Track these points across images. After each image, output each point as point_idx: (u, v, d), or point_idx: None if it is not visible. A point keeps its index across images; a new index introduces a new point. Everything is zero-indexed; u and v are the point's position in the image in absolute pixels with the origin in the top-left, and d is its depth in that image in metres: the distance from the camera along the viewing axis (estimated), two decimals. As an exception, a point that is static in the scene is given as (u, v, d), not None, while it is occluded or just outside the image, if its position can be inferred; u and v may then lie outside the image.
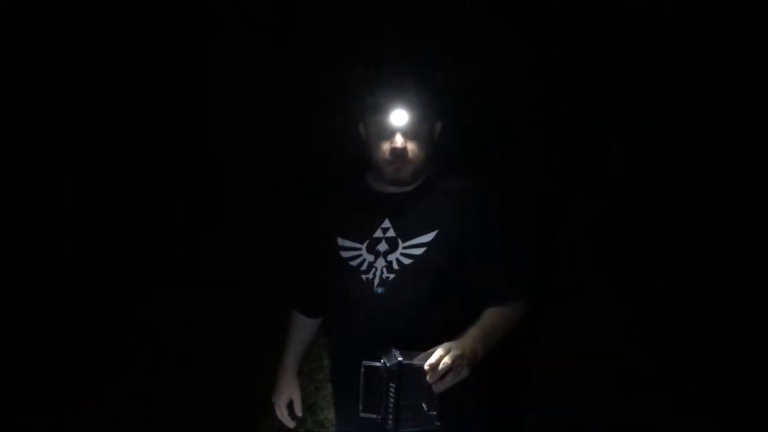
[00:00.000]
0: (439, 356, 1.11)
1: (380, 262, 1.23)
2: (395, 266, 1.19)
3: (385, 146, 1.30)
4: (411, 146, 1.29)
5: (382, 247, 1.25)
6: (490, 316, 1.31)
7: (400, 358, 1.16)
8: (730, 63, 2.06)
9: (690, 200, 2.18)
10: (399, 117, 1.26)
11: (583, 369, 2.32)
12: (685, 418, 2.16)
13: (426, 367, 1.13)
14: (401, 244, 1.17)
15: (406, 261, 1.20)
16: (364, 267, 1.28)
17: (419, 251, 1.19)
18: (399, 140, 1.28)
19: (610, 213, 2.26)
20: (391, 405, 1.16)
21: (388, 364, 1.17)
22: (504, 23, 2.13)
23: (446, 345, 1.14)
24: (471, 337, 1.21)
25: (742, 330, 2.20)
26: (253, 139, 2.58)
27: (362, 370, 1.21)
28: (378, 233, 1.26)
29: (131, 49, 2.43)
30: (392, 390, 1.15)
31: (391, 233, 1.21)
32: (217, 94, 2.56)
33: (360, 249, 1.28)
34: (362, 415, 1.21)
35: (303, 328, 1.57)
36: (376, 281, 1.26)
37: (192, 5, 2.45)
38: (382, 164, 1.32)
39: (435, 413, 1.19)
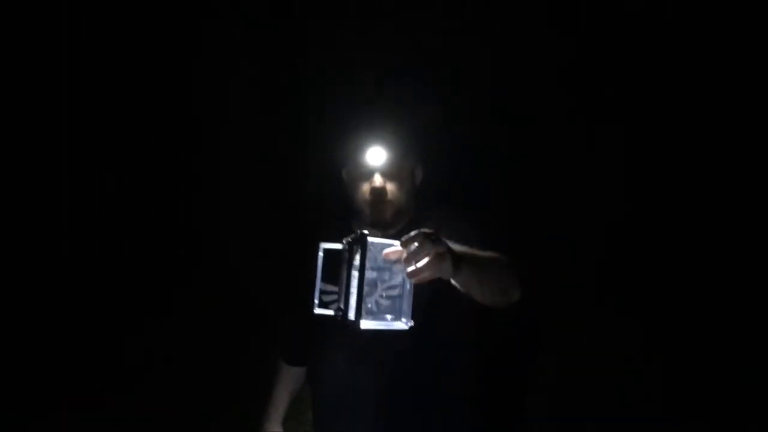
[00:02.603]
0: (415, 233, 0.97)
1: (366, 290, 1.21)
2: (374, 309, 1.17)
3: (365, 187, 1.29)
4: (390, 187, 1.29)
5: (369, 273, 1.23)
6: None
7: (365, 231, 0.95)
8: (729, 64, 2.06)
9: (691, 202, 2.18)
10: (377, 157, 1.27)
11: (583, 369, 2.33)
12: (685, 419, 2.16)
13: (400, 243, 0.97)
14: (379, 287, 1.14)
15: (385, 303, 1.18)
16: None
17: (395, 292, 1.17)
18: (378, 180, 1.28)
19: (610, 215, 2.26)
20: (352, 288, 0.94)
21: (351, 240, 0.96)
22: (486, 60, 2.16)
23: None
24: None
25: (744, 332, 2.20)
26: (252, 164, 2.60)
27: (320, 254, 1.03)
28: None
29: (134, 68, 2.44)
30: (355, 267, 0.95)
31: (378, 261, 1.18)
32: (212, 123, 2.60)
33: (339, 292, 1.26)
34: (317, 311, 1.03)
35: (288, 377, 1.52)
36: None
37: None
38: (363, 206, 1.31)
39: (406, 308, 0.99)
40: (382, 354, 1.22)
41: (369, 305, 0.98)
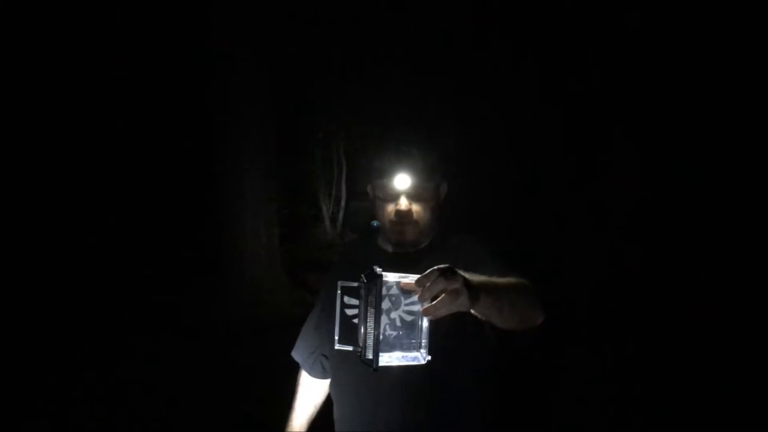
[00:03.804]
0: (430, 271, 0.99)
1: (383, 320, 1.21)
2: (398, 323, 1.18)
3: (390, 208, 1.31)
4: (416, 208, 1.30)
5: (386, 304, 1.24)
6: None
7: (379, 269, 0.97)
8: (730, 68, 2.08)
9: (690, 205, 2.19)
10: (403, 181, 1.29)
11: (583, 371, 2.33)
12: (684, 420, 2.16)
13: (415, 282, 0.98)
14: (403, 302, 1.15)
15: (408, 318, 1.19)
16: None
17: (416, 308, 1.18)
18: (404, 203, 1.29)
19: (612, 222, 2.27)
20: (369, 328, 0.96)
21: (366, 280, 0.98)
22: (504, 86, 2.19)
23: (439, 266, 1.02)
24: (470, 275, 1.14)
25: (743, 333, 2.21)
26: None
27: (338, 292, 1.07)
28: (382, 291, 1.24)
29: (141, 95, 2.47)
30: (371, 305, 0.97)
31: (394, 291, 1.19)
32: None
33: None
34: (337, 347, 1.06)
35: (311, 390, 1.52)
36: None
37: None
38: (388, 225, 1.34)
39: (424, 342, 1.00)
40: (404, 368, 1.23)
41: (387, 332, 1.00)
